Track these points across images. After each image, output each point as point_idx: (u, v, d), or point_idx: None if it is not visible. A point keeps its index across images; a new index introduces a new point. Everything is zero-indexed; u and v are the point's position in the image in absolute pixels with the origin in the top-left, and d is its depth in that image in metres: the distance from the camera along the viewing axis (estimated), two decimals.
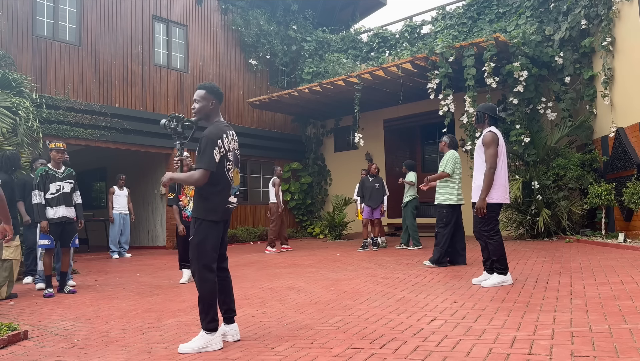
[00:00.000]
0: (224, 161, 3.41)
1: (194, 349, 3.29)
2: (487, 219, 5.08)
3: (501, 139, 5.17)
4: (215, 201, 3.40)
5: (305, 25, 16.26)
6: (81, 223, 6.39)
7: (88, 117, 11.18)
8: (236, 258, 9.54)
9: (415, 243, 9.65)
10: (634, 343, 2.87)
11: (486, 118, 5.24)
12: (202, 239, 3.38)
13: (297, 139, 16.23)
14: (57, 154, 6.08)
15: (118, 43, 12.10)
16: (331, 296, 5.04)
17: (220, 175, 3.39)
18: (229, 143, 3.44)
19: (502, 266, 5.04)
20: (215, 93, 3.52)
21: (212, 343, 3.33)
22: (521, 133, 10.25)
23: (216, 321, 3.36)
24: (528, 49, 10.36)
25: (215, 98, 3.52)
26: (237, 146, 3.59)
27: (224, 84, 14.39)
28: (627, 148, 8.95)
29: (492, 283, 5.02)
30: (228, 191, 3.44)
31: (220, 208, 3.41)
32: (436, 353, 2.95)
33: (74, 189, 6.24)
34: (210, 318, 3.34)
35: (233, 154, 3.49)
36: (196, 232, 3.40)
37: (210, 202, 3.39)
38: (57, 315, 4.80)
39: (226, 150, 3.41)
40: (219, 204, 3.41)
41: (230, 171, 3.45)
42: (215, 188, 3.40)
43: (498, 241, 5.05)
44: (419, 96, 12.87)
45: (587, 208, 9.68)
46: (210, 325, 3.34)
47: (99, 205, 16.18)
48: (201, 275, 3.36)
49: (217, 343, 3.35)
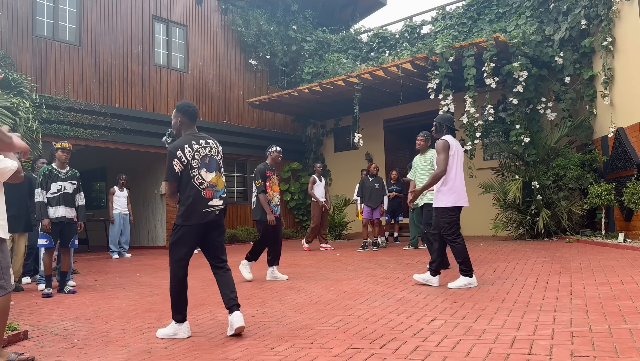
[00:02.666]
0: (188, 169, 3.71)
1: (165, 335, 3.75)
2: (449, 223, 5.22)
3: (456, 146, 5.32)
4: (187, 207, 3.70)
5: (305, 25, 16.26)
6: (81, 226, 6.29)
7: (88, 117, 11.18)
8: (236, 258, 9.54)
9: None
10: (634, 343, 2.87)
11: (445, 128, 5.47)
12: (175, 241, 3.75)
13: (297, 139, 16.23)
14: (62, 154, 6.08)
15: (118, 43, 12.10)
16: (331, 296, 5.04)
17: (186, 183, 3.71)
18: (193, 152, 3.74)
19: (467, 268, 5.14)
20: (182, 111, 3.87)
21: (180, 331, 3.73)
22: (521, 133, 10.25)
23: (183, 314, 3.74)
24: (528, 49, 10.36)
25: (182, 115, 3.87)
26: (214, 152, 3.87)
27: (224, 84, 14.39)
28: (627, 148, 8.95)
29: (459, 285, 5.13)
30: (199, 197, 3.71)
31: (193, 214, 3.70)
32: (436, 353, 2.95)
33: (77, 190, 6.21)
34: (177, 311, 3.74)
35: (200, 160, 3.75)
36: (172, 234, 3.77)
37: (182, 208, 3.72)
38: (57, 315, 4.80)
39: (188, 159, 3.71)
40: (191, 210, 3.69)
41: (195, 177, 3.72)
42: (183, 195, 3.73)
43: (461, 244, 5.16)
44: (419, 96, 12.87)
45: (587, 208, 9.68)
46: (177, 316, 3.74)
47: (99, 205, 16.18)
48: (172, 273, 3.74)
49: (185, 333, 3.74)
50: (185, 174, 3.70)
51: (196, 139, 3.79)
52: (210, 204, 3.74)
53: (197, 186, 3.70)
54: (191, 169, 3.71)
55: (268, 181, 6.45)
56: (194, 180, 3.70)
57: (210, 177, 3.77)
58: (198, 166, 3.73)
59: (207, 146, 3.82)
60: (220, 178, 3.85)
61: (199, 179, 3.72)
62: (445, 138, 5.31)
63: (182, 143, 3.73)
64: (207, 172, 3.76)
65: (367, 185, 9.98)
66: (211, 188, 3.76)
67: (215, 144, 3.90)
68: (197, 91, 13.71)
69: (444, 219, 5.24)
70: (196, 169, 3.72)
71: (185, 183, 3.70)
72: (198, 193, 3.69)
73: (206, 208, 3.72)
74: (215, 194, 3.77)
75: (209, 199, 3.73)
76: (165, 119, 12.76)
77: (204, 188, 3.72)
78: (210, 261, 3.86)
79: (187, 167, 3.70)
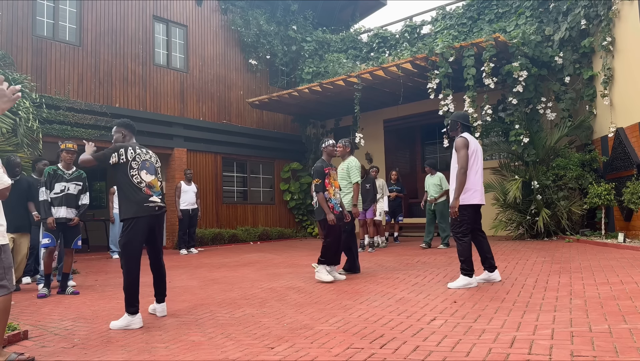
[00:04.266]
0: (125, 168, 4.24)
1: (120, 326, 4.06)
2: (459, 220, 5.18)
3: (475, 144, 5.30)
4: (128, 201, 4.20)
5: (305, 25, 16.25)
6: (76, 219, 6.10)
7: (88, 117, 11.18)
8: (236, 258, 9.55)
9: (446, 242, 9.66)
10: (634, 343, 2.87)
11: (459, 126, 5.43)
12: (128, 235, 4.18)
13: (297, 139, 16.23)
14: (67, 155, 6.08)
15: (118, 43, 12.10)
16: (331, 296, 5.04)
17: (123, 181, 4.23)
18: (135, 154, 4.30)
19: (469, 268, 5.12)
20: (124, 126, 4.51)
21: (133, 322, 4.08)
22: (521, 133, 10.25)
23: (135, 306, 4.09)
24: (528, 49, 10.36)
25: (125, 129, 4.50)
26: (153, 159, 4.49)
27: (224, 84, 14.39)
28: (626, 148, 8.95)
29: (459, 284, 5.11)
30: (138, 193, 4.22)
31: (132, 207, 4.18)
32: (436, 353, 2.95)
33: (82, 191, 6.20)
34: (131, 304, 4.10)
35: (141, 163, 4.32)
36: (123, 230, 4.20)
37: (123, 203, 4.24)
38: (57, 315, 4.81)
39: (127, 159, 4.24)
40: (132, 203, 4.18)
41: (134, 176, 4.25)
42: (121, 191, 4.26)
43: (467, 243, 5.14)
44: (419, 96, 12.87)
45: (587, 208, 9.68)
46: (132, 308, 4.09)
47: (99, 205, 16.18)
48: (127, 268, 4.15)
49: (137, 323, 4.09)
50: (122, 173, 4.22)
51: (139, 147, 4.40)
52: (150, 200, 4.24)
53: (135, 185, 4.22)
54: (130, 169, 4.24)
55: (327, 178, 6.19)
56: (133, 179, 4.22)
57: (149, 178, 4.32)
58: (138, 167, 4.28)
59: (148, 154, 4.44)
60: (157, 182, 4.40)
61: (137, 179, 4.25)
62: (464, 136, 5.27)
63: (127, 146, 4.32)
64: (146, 173, 4.32)
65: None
66: (149, 188, 4.29)
67: (154, 155, 4.55)
68: (197, 91, 13.71)
69: (456, 216, 5.19)
70: (136, 170, 4.26)
71: (122, 180, 4.22)
72: (135, 189, 4.21)
73: (147, 202, 4.22)
74: (153, 193, 4.30)
75: (149, 196, 4.25)
76: (165, 119, 12.77)
77: (143, 187, 4.25)
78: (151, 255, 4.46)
79: (124, 165, 4.23)
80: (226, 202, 14.18)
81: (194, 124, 13.43)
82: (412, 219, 14.13)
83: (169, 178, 12.93)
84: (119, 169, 4.24)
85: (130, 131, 4.52)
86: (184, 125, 13.20)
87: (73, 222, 6.09)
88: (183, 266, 8.61)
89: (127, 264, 4.16)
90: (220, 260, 9.32)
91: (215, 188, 13.86)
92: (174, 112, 13.12)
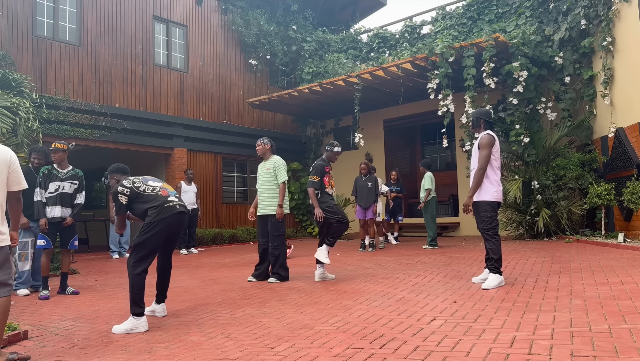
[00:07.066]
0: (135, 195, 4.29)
1: (125, 330, 3.94)
2: (489, 217, 5.14)
3: (498, 141, 5.28)
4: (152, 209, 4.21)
5: (305, 26, 16.25)
6: (69, 220, 5.96)
7: (88, 117, 11.18)
8: (236, 258, 9.55)
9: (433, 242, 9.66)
10: (634, 343, 2.87)
11: (482, 123, 5.39)
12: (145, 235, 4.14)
13: (297, 139, 16.23)
14: (54, 155, 6.03)
15: (118, 43, 12.10)
16: (331, 296, 5.04)
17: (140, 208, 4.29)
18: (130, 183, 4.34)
19: (500, 266, 5.10)
20: (116, 172, 4.58)
21: (139, 325, 3.97)
22: (521, 133, 10.25)
23: (142, 308, 4.01)
24: (528, 49, 10.36)
25: (117, 174, 4.56)
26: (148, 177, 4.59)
27: (224, 84, 14.39)
28: (626, 148, 8.95)
29: (493, 284, 5.01)
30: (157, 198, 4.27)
31: (153, 211, 4.18)
32: (436, 353, 2.96)
33: (77, 189, 6.12)
34: (137, 306, 4.00)
35: (141, 180, 4.40)
36: (141, 230, 4.15)
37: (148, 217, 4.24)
38: (57, 315, 4.80)
39: (130, 188, 4.28)
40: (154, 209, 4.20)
41: (145, 189, 4.32)
42: (144, 216, 4.27)
43: (499, 241, 5.12)
44: (418, 96, 12.88)
45: (586, 208, 9.68)
46: (138, 310, 4.00)
47: (99, 205, 16.17)
48: (139, 268, 4.07)
49: (143, 327, 3.99)
50: (136, 202, 4.26)
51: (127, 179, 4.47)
52: (170, 200, 4.28)
53: (150, 194, 4.28)
54: (137, 189, 4.29)
55: (327, 177, 6.27)
56: (146, 192, 4.29)
57: (159, 183, 4.42)
58: (142, 184, 4.35)
59: (144, 177, 4.49)
60: (167, 185, 4.52)
61: (149, 189, 4.32)
62: (491, 133, 5.25)
63: (121, 182, 4.35)
64: (153, 182, 4.41)
65: (359, 184, 9.86)
66: (163, 189, 4.37)
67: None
68: (197, 91, 13.71)
69: (485, 213, 5.14)
70: (142, 185, 4.33)
71: (140, 208, 4.25)
72: (156, 196, 4.26)
73: (167, 203, 4.25)
74: (169, 193, 4.38)
75: (167, 197, 4.30)
76: (165, 119, 12.77)
77: (158, 192, 4.32)
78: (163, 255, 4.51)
79: (133, 195, 4.26)
80: (226, 202, 14.18)
81: (194, 124, 13.43)
82: (412, 219, 14.13)
83: (169, 178, 12.93)
84: (132, 201, 4.27)
85: (122, 174, 4.59)
86: (184, 125, 13.20)
87: (66, 222, 5.93)
88: (183, 266, 8.61)
89: (140, 265, 4.08)
90: (221, 260, 9.32)
91: (215, 188, 13.86)
92: (174, 112, 13.12)
